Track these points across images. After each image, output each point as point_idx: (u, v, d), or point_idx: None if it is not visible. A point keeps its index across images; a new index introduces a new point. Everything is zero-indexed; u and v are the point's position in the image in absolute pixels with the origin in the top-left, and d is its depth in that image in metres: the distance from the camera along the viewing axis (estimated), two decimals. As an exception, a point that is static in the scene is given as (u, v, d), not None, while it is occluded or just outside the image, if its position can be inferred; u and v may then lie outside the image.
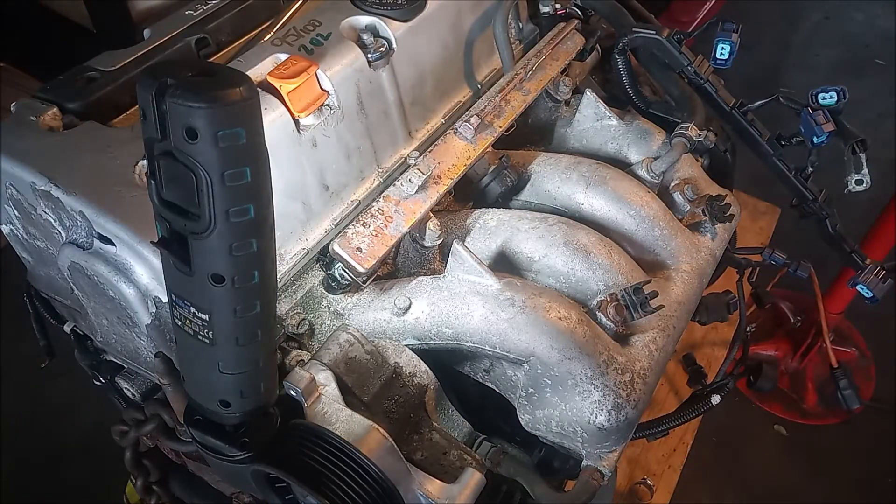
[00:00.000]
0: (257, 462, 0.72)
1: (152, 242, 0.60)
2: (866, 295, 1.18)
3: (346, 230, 0.92)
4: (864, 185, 1.05)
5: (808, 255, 1.27)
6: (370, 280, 0.92)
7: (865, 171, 1.05)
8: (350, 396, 0.82)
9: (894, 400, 2.43)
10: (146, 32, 0.99)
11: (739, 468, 2.32)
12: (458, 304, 0.88)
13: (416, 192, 0.95)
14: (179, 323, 0.63)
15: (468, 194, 1.10)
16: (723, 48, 1.11)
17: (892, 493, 2.25)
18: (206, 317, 0.61)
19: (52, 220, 0.84)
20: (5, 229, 0.94)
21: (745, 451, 2.41)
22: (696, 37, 1.23)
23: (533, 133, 1.22)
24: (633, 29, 1.16)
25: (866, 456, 2.35)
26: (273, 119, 0.84)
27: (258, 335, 0.64)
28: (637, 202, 1.03)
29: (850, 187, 1.06)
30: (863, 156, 1.05)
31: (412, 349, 0.90)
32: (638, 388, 0.87)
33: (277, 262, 0.81)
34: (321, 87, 0.89)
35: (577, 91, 1.22)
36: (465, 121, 1.03)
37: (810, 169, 1.16)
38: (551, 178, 1.07)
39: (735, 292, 1.19)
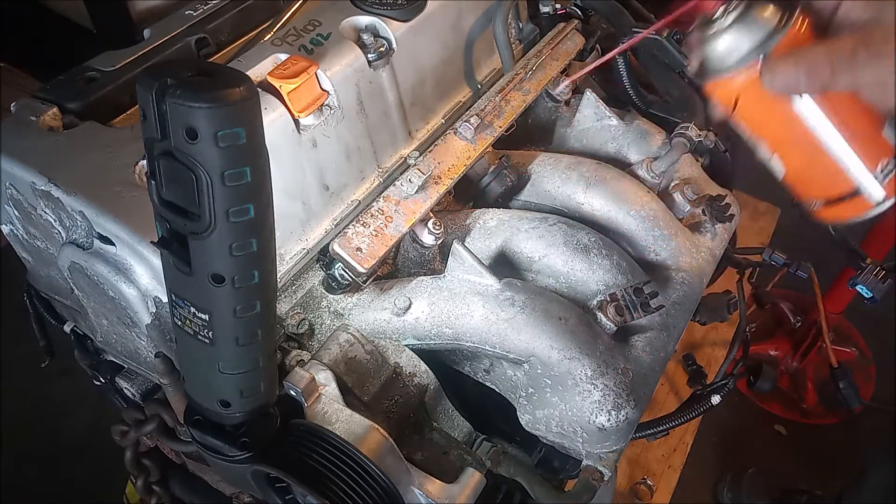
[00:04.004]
0: (257, 462, 0.72)
1: (152, 242, 0.60)
2: (866, 295, 1.18)
3: (346, 230, 0.92)
4: None
5: (808, 255, 1.27)
6: (370, 280, 0.92)
7: None
8: (350, 396, 0.82)
9: (894, 400, 2.43)
10: (146, 32, 0.99)
11: (739, 468, 2.32)
12: (458, 304, 0.88)
13: (416, 192, 0.95)
14: (179, 323, 0.63)
15: (468, 194, 1.10)
16: None
17: (892, 492, 2.25)
18: (206, 317, 0.61)
19: (52, 220, 0.84)
20: (5, 229, 0.94)
21: (745, 451, 2.41)
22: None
23: (533, 133, 1.22)
24: (633, 29, 1.16)
25: (866, 456, 2.35)
26: (273, 119, 0.84)
27: (258, 335, 0.64)
28: (637, 202, 1.03)
29: None
30: None
31: (412, 349, 0.90)
32: (638, 388, 0.87)
33: (277, 262, 0.81)
34: (321, 87, 0.89)
35: (577, 91, 1.22)
36: (465, 121, 1.03)
37: None
38: (551, 178, 1.07)
39: (735, 292, 1.19)
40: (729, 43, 0.72)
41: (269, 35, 0.95)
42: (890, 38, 0.66)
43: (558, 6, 1.23)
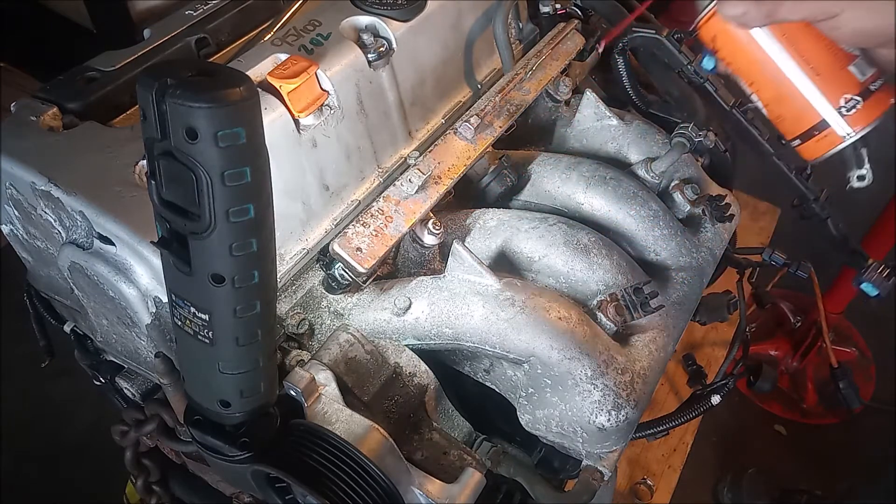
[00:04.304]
0: (257, 462, 0.72)
1: (152, 242, 0.60)
2: (871, 293, 1.17)
3: (346, 230, 0.92)
4: (867, 180, 1.03)
5: (808, 255, 1.27)
6: (370, 280, 0.92)
7: (867, 166, 1.03)
8: (350, 396, 0.82)
9: (894, 400, 2.43)
10: (146, 32, 0.99)
11: (739, 468, 2.32)
12: (458, 304, 0.88)
13: (416, 192, 0.95)
14: (179, 323, 0.63)
15: (468, 194, 1.10)
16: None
17: (892, 493, 2.25)
18: (206, 317, 0.61)
19: (52, 220, 0.84)
20: (5, 229, 0.94)
21: (745, 451, 2.41)
22: (695, 37, 1.23)
23: (533, 133, 1.22)
24: (633, 29, 1.16)
25: (866, 456, 2.35)
26: (273, 119, 0.84)
27: (258, 335, 0.64)
28: (637, 202, 1.03)
29: (851, 183, 1.05)
30: (864, 151, 1.04)
31: (412, 349, 0.90)
32: (638, 388, 0.87)
33: (277, 262, 0.81)
34: (321, 87, 0.89)
35: (577, 91, 1.22)
36: (465, 121, 1.03)
37: (810, 168, 1.15)
38: (551, 178, 1.07)
39: (735, 292, 1.19)
40: None
41: (269, 35, 0.95)
42: None
43: (558, 6, 1.23)
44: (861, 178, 1.03)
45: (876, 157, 1.08)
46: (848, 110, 0.84)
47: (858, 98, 0.83)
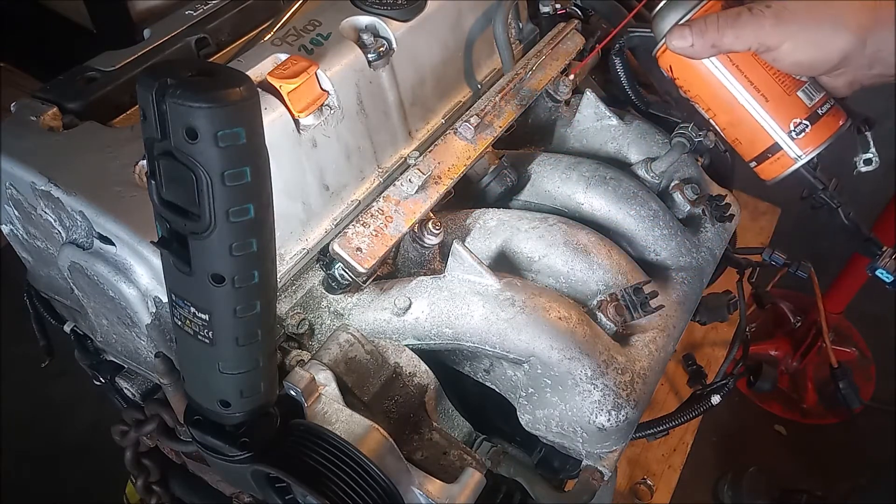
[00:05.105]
0: (257, 462, 0.72)
1: (152, 242, 0.60)
2: (886, 279, 1.16)
3: (346, 230, 0.92)
4: (874, 164, 1.02)
5: (808, 255, 1.26)
6: (370, 280, 0.92)
7: (873, 150, 1.01)
8: (350, 396, 0.82)
9: (894, 400, 2.43)
10: (146, 32, 0.99)
11: (740, 468, 2.32)
12: (458, 304, 0.88)
13: (416, 192, 0.95)
14: (179, 323, 0.63)
15: (468, 194, 1.10)
16: None
17: (892, 493, 2.25)
18: (206, 317, 0.61)
19: (52, 220, 0.84)
20: (5, 229, 0.94)
21: (745, 451, 2.41)
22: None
23: (533, 133, 1.22)
24: (629, 29, 1.16)
25: (866, 456, 2.35)
26: (273, 119, 0.84)
27: (258, 335, 0.64)
28: (637, 202, 1.03)
29: (859, 168, 1.04)
30: (869, 134, 1.03)
31: (412, 349, 0.90)
32: (638, 388, 0.87)
33: (277, 262, 0.81)
34: (321, 87, 0.89)
35: (577, 91, 1.22)
36: (465, 121, 1.03)
37: (817, 159, 1.14)
38: (551, 178, 1.07)
39: (735, 292, 1.19)
40: (661, 17, 0.91)
41: (269, 35, 0.95)
42: (771, 3, 0.78)
43: (558, 6, 1.22)
44: (868, 161, 1.02)
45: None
46: (798, 134, 0.88)
47: (807, 122, 0.88)
